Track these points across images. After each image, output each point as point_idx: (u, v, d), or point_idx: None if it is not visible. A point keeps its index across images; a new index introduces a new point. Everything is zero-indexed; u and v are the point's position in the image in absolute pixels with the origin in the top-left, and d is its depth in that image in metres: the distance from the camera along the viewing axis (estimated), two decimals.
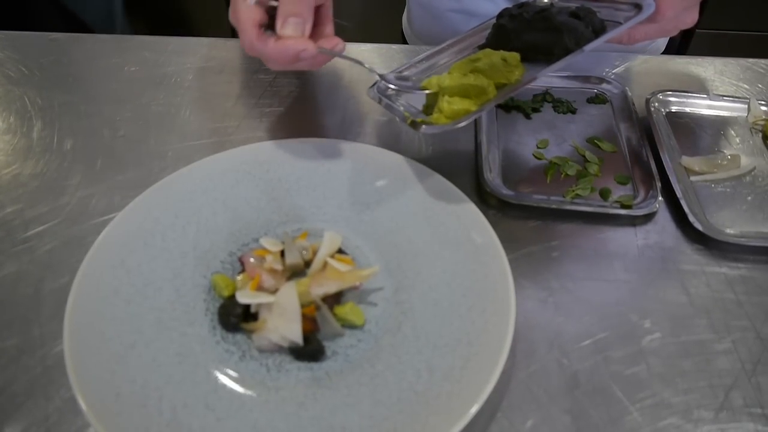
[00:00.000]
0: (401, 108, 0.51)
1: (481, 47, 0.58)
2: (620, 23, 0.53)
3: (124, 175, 0.56)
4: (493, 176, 0.55)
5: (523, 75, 0.51)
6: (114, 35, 0.74)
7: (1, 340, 0.43)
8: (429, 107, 0.51)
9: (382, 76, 0.52)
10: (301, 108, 0.64)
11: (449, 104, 0.47)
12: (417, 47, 0.75)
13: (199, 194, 0.50)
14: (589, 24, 0.52)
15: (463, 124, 0.46)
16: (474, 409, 0.36)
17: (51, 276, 0.47)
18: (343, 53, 0.49)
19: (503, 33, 0.56)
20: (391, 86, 0.52)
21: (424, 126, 0.47)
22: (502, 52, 0.51)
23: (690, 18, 0.57)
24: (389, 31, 1.04)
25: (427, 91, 0.50)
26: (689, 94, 0.65)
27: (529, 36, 0.53)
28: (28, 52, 0.71)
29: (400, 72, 0.56)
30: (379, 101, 0.53)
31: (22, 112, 0.62)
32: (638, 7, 0.53)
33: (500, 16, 0.58)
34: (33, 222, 0.51)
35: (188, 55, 0.71)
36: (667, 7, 0.53)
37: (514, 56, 0.51)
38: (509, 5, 0.82)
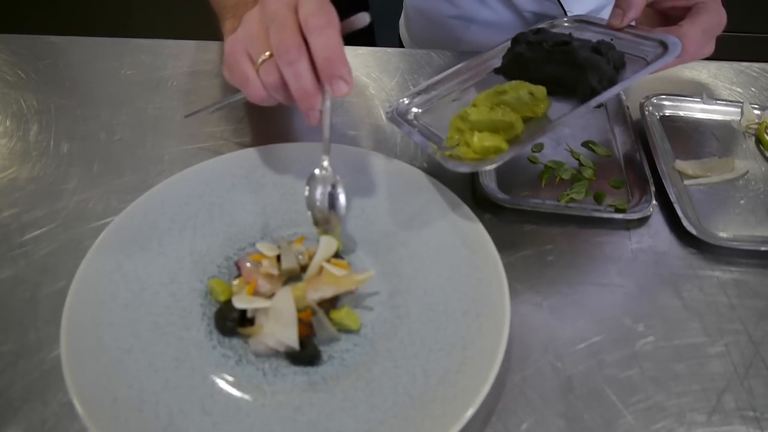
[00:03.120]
0: (423, 138, 0.52)
1: (496, 72, 0.59)
2: (641, 57, 0.53)
3: (121, 179, 0.56)
4: (488, 180, 0.55)
5: (548, 108, 0.52)
6: (110, 38, 0.74)
7: None
8: (453, 138, 0.51)
9: (395, 107, 0.54)
10: (297, 112, 0.65)
11: (480, 140, 0.47)
12: (414, 50, 0.75)
13: (196, 198, 0.50)
14: (610, 60, 0.52)
15: (494, 165, 0.47)
16: (469, 413, 0.36)
17: (48, 280, 0.47)
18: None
19: (521, 62, 0.56)
20: (413, 110, 0.54)
21: (453, 162, 0.48)
22: (529, 85, 0.52)
23: (708, 49, 0.57)
24: (387, 36, 1.04)
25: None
26: (683, 98, 0.66)
27: (549, 69, 0.53)
28: (25, 55, 0.71)
29: (417, 94, 0.57)
30: (400, 126, 0.54)
31: (18, 116, 0.62)
32: (663, 45, 0.53)
33: (516, 41, 0.58)
34: (30, 226, 0.51)
35: (184, 58, 0.71)
36: (691, 43, 0.53)
37: (541, 90, 0.51)
38: (509, 13, 0.82)
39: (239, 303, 0.42)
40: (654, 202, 0.53)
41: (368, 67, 0.71)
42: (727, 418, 0.41)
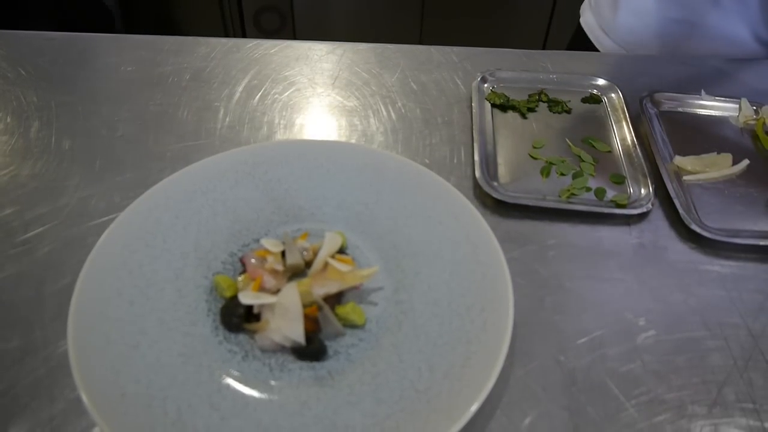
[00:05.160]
0: None
1: None
2: None
3: (123, 176, 0.56)
4: (489, 176, 0.55)
5: None
6: (110, 35, 0.74)
7: (4, 342, 0.43)
8: None
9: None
10: (299, 108, 0.65)
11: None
12: (414, 46, 0.75)
13: (199, 195, 0.51)
14: None
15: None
16: (474, 407, 0.37)
17: (52, 277, 0.47)
18: None
19: None
20: None
21: None
22: None
23: None
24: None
25: None
26: (682, 94, 0.66)
27: None
28: (25, 52, 0.70)
29: None
30: None
31: (18, 113, 0.62)
32: None
33: None
34: (32, 223, 0.51)
35: (185, 54, 0.71)
36: None
37: None
38: (746, 19, 0.70)
39: (245, 299, 0.42)
40: (654, 197, 0.54)
41: (368, 64, 0.71)
42: (728, 410, 0.41)
